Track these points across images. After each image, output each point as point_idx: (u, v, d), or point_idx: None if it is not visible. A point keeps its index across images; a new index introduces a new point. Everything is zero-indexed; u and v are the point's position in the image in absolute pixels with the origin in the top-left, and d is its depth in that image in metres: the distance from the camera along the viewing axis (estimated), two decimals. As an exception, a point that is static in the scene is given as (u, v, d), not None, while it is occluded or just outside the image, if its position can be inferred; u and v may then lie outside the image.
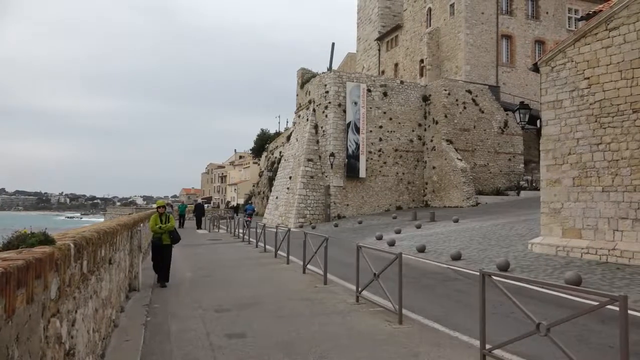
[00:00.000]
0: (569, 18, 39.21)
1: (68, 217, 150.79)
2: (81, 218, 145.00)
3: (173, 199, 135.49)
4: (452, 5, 37.82)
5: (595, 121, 11.77)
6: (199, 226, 32.41)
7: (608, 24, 11.57)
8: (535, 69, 13.83)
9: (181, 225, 31.48)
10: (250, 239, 20.55)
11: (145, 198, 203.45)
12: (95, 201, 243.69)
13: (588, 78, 12.00)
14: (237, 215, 42.16)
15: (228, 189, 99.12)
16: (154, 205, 13.04)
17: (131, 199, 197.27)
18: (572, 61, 12.41)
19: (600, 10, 12.19)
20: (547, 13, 38.72)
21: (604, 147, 11.56)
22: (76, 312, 3.80)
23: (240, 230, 23.36)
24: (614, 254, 11.16)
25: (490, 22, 36.92)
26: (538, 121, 14.15)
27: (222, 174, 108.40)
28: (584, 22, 12.94)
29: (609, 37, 11.55)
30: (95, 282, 4.83)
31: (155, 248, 10.64)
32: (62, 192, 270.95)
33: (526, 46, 38.08)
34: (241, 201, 72.03)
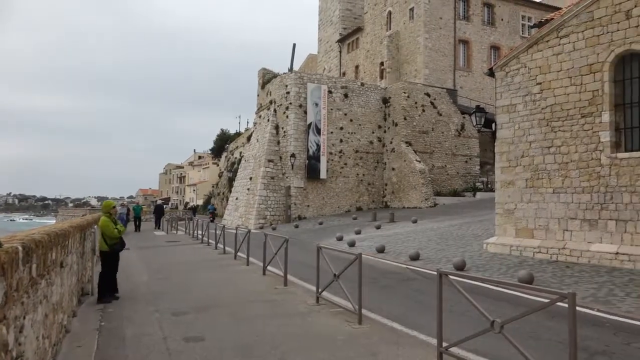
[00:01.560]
0: (523, 25, 40.61)
1: (25, 219, 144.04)
2: (32, 219, 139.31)
3: (129, 200, 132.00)
4: (411, 10, 38.50)
5: (547, 125, 12.22)
6: (157, 226, 32.33)
7: (559, 32, 12.04)
8: (491, 73, 14.24)
9: (137, 228, 30.16)
10: (210, 241, 20.26)
11: (99, 199, 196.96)
12: (47, 202, 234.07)
13: (540, 83, 12.45)
14: (195, 216, 41.41)
15: (187, 190, 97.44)
16: (96, 205, 11.21)
17: (85, 200, 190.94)
18: (526, 67, 12.85)
19: (552, 19, 12.68)
20: (502, 20, 39.99)
21: (555, 150, 12.02)
22: (24, 318, 3.63)
23: (199, 232, 22.98)
24: (564, 253, 11.61)
25: (448, 27, 37.80)
26: (493, 124, 14.58)
27: (181, 174, 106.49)
28: (537, 29, 13.42)
29: (559, 45, 12.02)
30: (45, 287, 4.64)
31: (113, 256, 9.30)
32: (10, 193, 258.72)
33: (482, 51, 39.18)
34: (200, 202, 70.93)
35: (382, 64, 41.19)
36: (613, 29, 10.90)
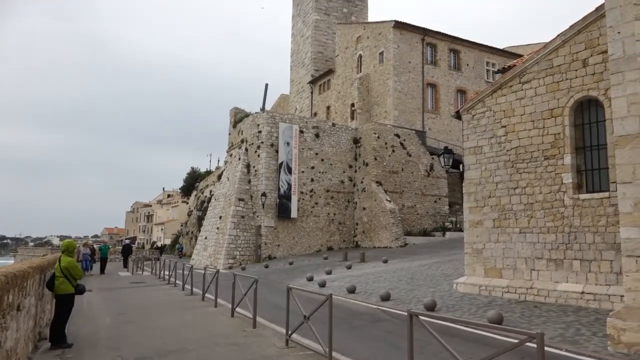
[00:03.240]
0: (487, 70, 42.27)
1: None
2: None
3: (94, 239, 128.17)
4: (381, 54, 39.70)
5: (512, 166, 12.57)
6: (125, 265, 31.68)
7: (521, 78, 12.56)
8: (458, 116, 14.66)
9: (102, 269, 28.30)
10: (177, 282, 19.73)
11: (62, 238, 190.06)
12: (5, 241, 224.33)
13: (505, 126, 12.87)
14: (162, 255, 40.47)
15: (154, 229, 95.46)
16: (59, 245, 10.46)
17: (46, 239, 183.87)
18: (491, 110, 13.29)
19: (514, 65, 13.24)
20: (467, 65, 41.56)
21: (520, 191, 12.32)
22: (-26, 366, 3.41)
23: (166, 273, 22.38)
24: (532, 293, 11.73)
25: (417, 71, 39.03)
26: (461, 165, 14.89)
27: (149, 212, 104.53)
28: (500, 75, 13.98)
29: (522, 90, 12.53)
30: (-2, 332, 4.39)
31: (72, 300, 8.79)
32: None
33: (449, 94, 40.46)
34: (168, 241, 69.46)
35: (352, 105, 42.01)
36: (571, 75, 11.44)
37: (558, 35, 11.75)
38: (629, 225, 7.67)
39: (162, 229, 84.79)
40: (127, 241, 59.39)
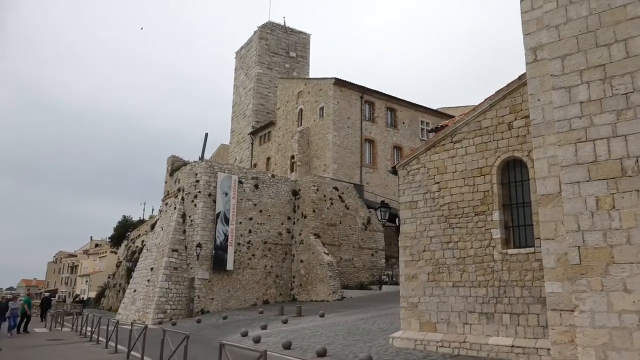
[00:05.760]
0: (422, 129, 44.33)
1: None
2: None
3: (8, 291, 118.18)
4: (321, 109, 40.83)
5: (445, 221, 12.99)
6: (42, 319, 29.70)
7: (453, 137, 13.24)
8: (394, 171, 15.12)
9: (25, 327, 24.16)
10: (100, 338, 18.40)
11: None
12: None
13: (438, 183, 13.39)
14: (85, 309, 37.94)
15: (79, 281, 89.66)
16: None
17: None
18: (425, 167, 13.82)
19: (447, 125, 13.98)
20: (403, 123, 43.46)
21: (453, 245, 12.70)
22: None
23: (89, 328, 20.85)
24: (465, 347, 11.87)
25: (355, 127, 40.30)
26: (397, 219, 15.24)
27: (73, 263, 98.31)
28: (434, 133, 14.68)
29: (454, 149, 13.17)
30: None
31: None
32: None
33: (386, 150, 41.88)
34: (93, 294, 65.34)
35: (292, 157, 42.48)
36: (498, 137, 12.20)
37: (485, 100, 12.59)
38: (553, 280, 8.05)
39: (87, 281, 79.78)
40: (47, 294, 55.36)
